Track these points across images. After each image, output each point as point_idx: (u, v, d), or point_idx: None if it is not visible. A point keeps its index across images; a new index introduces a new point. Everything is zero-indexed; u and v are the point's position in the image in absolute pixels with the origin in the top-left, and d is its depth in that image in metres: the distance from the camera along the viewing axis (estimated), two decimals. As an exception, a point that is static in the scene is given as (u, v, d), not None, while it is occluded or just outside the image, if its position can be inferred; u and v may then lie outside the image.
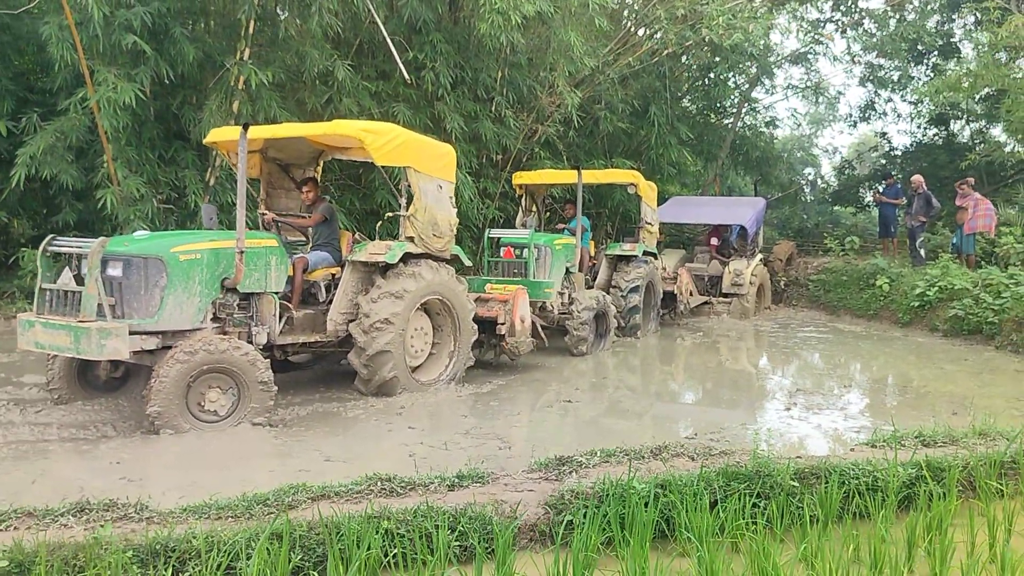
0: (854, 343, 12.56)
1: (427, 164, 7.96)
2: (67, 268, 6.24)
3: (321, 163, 8.88)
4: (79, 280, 6.10)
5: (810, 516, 4.11)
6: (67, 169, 10.92)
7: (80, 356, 5.95)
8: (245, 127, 6.70)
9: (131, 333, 6.02)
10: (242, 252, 6.60)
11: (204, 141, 8.30)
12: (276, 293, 7.09)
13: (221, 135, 7.84)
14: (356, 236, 8.52)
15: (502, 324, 8.81)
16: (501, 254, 10.84)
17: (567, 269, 11.15)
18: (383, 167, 7.81)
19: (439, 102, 13.16)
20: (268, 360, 6.54)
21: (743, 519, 3.97)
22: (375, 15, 11.32)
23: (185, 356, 5.96)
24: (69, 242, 6.39)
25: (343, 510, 3.75)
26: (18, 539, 3.32)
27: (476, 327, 8.51)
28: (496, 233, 11.13)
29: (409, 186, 7.78)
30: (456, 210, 8.55)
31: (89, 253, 5.98)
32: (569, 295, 11.02)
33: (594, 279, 12.57)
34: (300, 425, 6.52)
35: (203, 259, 6.49)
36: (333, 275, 7.88)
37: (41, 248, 6.28)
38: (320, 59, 11.45)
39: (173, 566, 3.25)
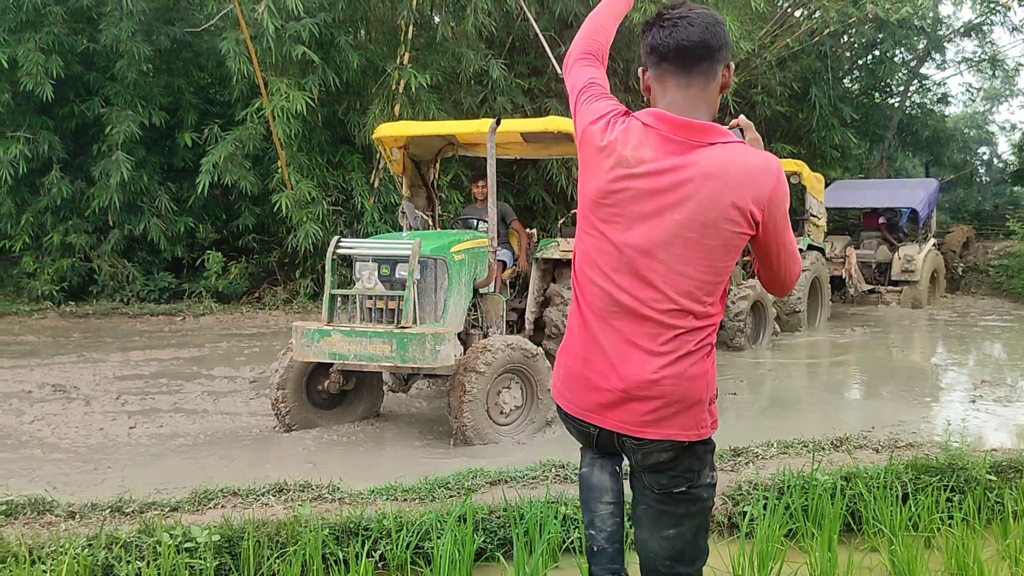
0: (1044, 332, 11.64)
1: None
2: (364, 270, 5.93)
3: (438, 160, 8.27)
4: (393, 285, 5.82)
5: (1012, 511, 3.84)
6: (245, 175, 11.66)
7: (404, 365, 5.57)
8: (497, 121, 6.40)
9: None
10: (495, 251, 6.45)
11: (372, 136, 8.15)
12: (499, 293, 6.86)
13: (384, 131, 7.62)
14: (529, 231, 8.24)
15: None
16: None
17: None
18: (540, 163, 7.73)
19: (591, 95, 13.15)
20: None
21: (937, 513, 3.76)
22: (527, 12, 11.44)
23: (484, 366, 5.61)
24: (362, 243, 6.21)
25: (520, 495, 3.82)
26: (227, 516, 3.58)
27: None
28: None
29: None
30: None
31: (411, 253, 5.67)
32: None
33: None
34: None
35: (466, 259, 6.26)
36: (517, 274, 7.92)
37: (330, 252, 5.88)
38: (475, 59, 11.69)
39: (366, 544, 3.41)
